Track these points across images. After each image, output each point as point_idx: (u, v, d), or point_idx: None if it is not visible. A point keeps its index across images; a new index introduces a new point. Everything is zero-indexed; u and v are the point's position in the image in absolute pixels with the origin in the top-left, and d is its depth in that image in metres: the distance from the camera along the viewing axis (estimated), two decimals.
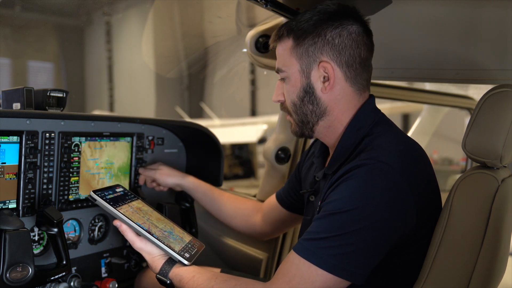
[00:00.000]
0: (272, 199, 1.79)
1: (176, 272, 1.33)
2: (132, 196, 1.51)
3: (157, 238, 1.35)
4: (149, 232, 1.36)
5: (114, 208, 1.37)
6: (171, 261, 1.36)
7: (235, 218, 1.87)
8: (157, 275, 1.35)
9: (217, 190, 1.89)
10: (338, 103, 1.35)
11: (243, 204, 1.88)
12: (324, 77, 1.33)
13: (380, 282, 1.27)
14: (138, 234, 1.37)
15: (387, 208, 1.16)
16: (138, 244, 1.37)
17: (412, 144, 1.31)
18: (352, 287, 1.20)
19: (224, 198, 1.87)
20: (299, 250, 1.19)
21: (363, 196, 1.16)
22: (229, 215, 1.86)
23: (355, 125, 1.34)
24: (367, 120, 1.34)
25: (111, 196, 1.42)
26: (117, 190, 1.48)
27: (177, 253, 1.35)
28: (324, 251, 1.15)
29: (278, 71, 1.41)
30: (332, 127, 1.37)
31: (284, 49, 1.38)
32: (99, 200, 1.38)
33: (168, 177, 1.84)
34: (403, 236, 1.20)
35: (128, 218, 1.36)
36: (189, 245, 1.43)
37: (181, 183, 1.85)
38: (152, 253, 1.37)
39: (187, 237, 1.47)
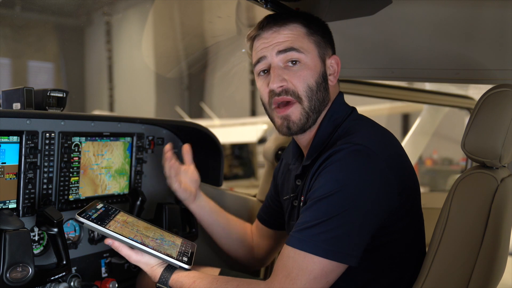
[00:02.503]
0: (257, 224, 1.78)
1: (176, 279, 1.33)
2: (114, 209, 1.47)
3: (152, 248, 1.34)
4: (143, 244, 1.34)
5: (103, 227, 1.33)
6: (169, 268, 1.35)
7: (239, 248, 1.79)
8: (157, 284, 1.34)
9: (223, 219, 1.79)
10: (332, 97, 1.42)
11: (245, 233, 1.80)
12: (331, 70, 1.41)
13: (382, 281, 1.28)
14: (132, 247, 1.35)
15: (370, 186, 1.19)
16: (134, 257, 1.35)
17: (383, 129, 1.36)
18: (346, 275, 1.21)
19: (228, 225, 1.79)
20: (292, 242, 1.21)
21: (344, 178, 1.19)
22: (233, 244, 1.79)
23: (330, 117, 1.39)
24: (341, 111, 1.40)
25: (96, 215, 1.37)
26: (98, 207, 1.43)
27: (176, 259, 1.34)
28: (316, 238, 1.17)
29: (289, 50, 1.34)
30: (320, 119, 1.40)
31: (297, 33, 1.37)
32: (87, 222, 1.33)
33: (187, 185, 1.71)
34: (388, 213, 1.23)
35: (120, 234, 1.33)
36: (183, 248, 1.43)
37: (190, 206, 1.74)
38: (149, 263, 1.36)
39: (178, 240, 1.48)
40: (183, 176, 1.72)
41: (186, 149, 1.77)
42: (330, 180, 1.20)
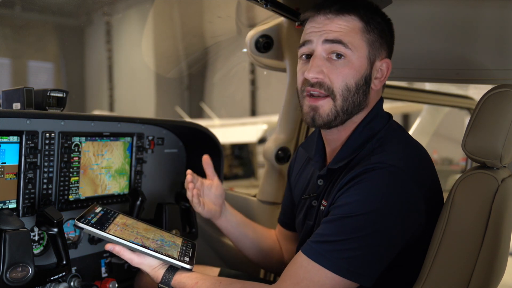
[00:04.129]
0: (280, 229, 1.73)
1: (179, 280, 1.31)
2: (113, 212, 1.47)
3: (154, 250, 1.33)
4: (144, 247, 1.33)
5: (103, 231, 1.32)
6: (172, 269, 1.34)
7: (269, 260, 1.71)
8: (159, 285, 1.33)
9: (252, 231, 1.71)
10: (372, 102, 1.35)
11: (272, 242, 1.73)
12: (379, 73, 1.33)
13: (382, 280, 1.27)
14: (134, 250, 1.34)
15: (399, 212, 1.16)
16: (136, 260, 1.33)
17: (419, 147, 1.31)
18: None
19: (257, 237, 1.70)
20: (308, 252, 1.18)
21: (374, 200, 1.15)
22: (264, 256, 1.70)
23: (367, 124, 1.32)
24: (379, 119, 1.33)
25: (95, 219, 1.37)
26: (97, 211, 1.42)
27: (177, 260, 1.34)
28: (334, 254, 1.15)
29: (336, 42, 1.25)
30: (354, 123, 1.34)
31: (352, 27, 1.27)
32: (86, 227, 1.32)
33: (210, 205, 1.62)
34: (412, 238, 1.21)
35: (120, 238, 1.33)
36: (184, 248, 1.43)
37: (216, 222, 1.65)
38: (151, 264, 1.34)
39: (178, 240, 1.47)
40: (206, 195, 1.63)
41: (207, 161, 1.65)
42: (359, 200, 1.16)
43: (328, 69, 1.26)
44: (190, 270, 1.34)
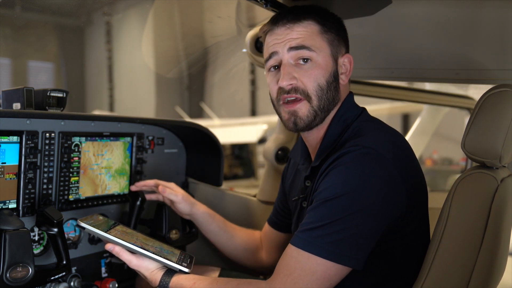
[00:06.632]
0: (267, 229, 1.76)
1: (176, 282, 1.33)
2: (114, 222, 1.51)
3: (153, 253, 1.36)
4: (144, 249, 1.37)
5: (105, 232, 1.38)
6: (169, 272, 1.36)
7: (244, 256, 1.77)
8: None
9: (228, 223, 1.79)
10: (342, 96, 1.41)
11: (251, 240, 1.79)
12: (343, 69, 1.39)
13: (382, 280, 1.27)
14: (133, 252, 1.37)
15: (377, 190, 1.18)
16: (135, 262, 1.36)
17: (394, 132, 1.35)
18: (352, 278, 1.21)
19: (236, 232, 1.78)
20: (296, 242, 1.20)
21: (352, 181, 1.18)
22: (239, 251, 1.77)
23: (340, 117, 1.38)
24: (351, 112, 1.39)
25: (97, 222, 1.42)
26: (97, 218, 1.49)
27: (176, 263, 1.36)
28: (320, 239, 1.17)
29: (301, 48, 1.32)
30: (330, 118, 1.39)
31: (311, 31, 1.34)
32: (88, 227, 1.38)
33: (183, 202, 1.70)
34: (394, 219, 1.22)
35: (121, 239, 1.37)
36: (182, 257, 1.45)
37: (192, 211, 1.72)
38: (149, 268, 1.36)
39: (177, 251, 1.50)
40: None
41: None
42: (337, 182, 1.19)
43: (299, 73, 1.33)
44: (188, 273, 1.36)
